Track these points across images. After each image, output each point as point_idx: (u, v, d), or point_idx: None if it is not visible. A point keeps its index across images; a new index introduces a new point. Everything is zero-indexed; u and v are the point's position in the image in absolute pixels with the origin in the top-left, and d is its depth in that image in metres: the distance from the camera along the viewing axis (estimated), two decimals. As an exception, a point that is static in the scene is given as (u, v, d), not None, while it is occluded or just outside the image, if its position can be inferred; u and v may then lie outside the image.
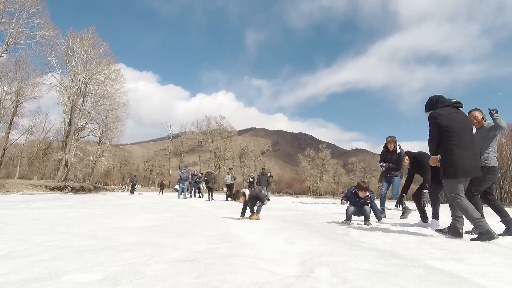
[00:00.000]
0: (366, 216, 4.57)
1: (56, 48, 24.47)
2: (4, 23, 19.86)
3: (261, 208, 4.79)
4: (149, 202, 10.10)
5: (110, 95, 27.69)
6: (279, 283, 1.42)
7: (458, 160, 2.98)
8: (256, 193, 4.88)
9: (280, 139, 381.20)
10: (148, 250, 2.04)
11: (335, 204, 14.52)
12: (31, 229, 2.88)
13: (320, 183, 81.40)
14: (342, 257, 2.00)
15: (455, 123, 3.07)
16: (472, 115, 3.96)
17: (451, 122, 3.06)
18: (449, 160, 3.03)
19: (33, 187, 16.67)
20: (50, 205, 6.75)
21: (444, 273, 1.70)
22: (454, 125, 3.05)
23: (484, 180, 3.67)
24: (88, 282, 1.35)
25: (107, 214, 4.95)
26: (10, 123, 25.52)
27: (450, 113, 3.14)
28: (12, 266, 1.58)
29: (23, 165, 42.67)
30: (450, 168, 3.02)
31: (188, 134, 71.29)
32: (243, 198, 4.73)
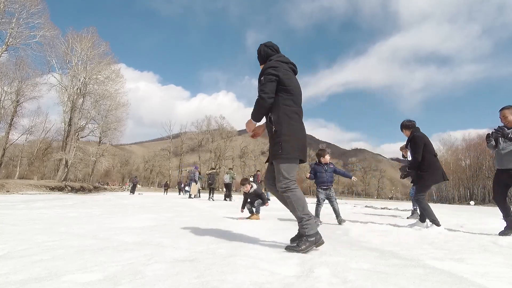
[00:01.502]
0: (336, 212, 4.60)
1: (56, 48, 24.54)
2: (4, 23, 19.88)
3: (260, 208, 4.79)
4: (149, 202, 10.10)
5: (110, 95, 27.72)
6: (279, 283, 1.42)
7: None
8: (260, 192, 4.87)
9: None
10: (148, 250, 2.04)
11: (335, 204, 14.52)
12: (31, 229, 2.88)
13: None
14: (342, 257, 2.00)
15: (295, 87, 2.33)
16: (501, 114, 3.68)
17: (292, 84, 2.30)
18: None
19: (33, 187, 16.68)
20: (50, 205, 6.75)
21: (444, 273, 1.70)
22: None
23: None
24: (88, 282, 1.35)
25: (107, 214, 4.95)
26: (10, 123, 25.53)
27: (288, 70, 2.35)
28: (12, 266, 1.58)
29: (23, 165, 42.69)
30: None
31: (188, 134, 71.36)
32: (248, 186, 4.71)
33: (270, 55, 2.43)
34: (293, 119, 2.21)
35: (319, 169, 4.64)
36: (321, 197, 4.62)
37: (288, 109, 2.22)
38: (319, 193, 4.64)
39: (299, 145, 2.19)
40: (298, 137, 2.20)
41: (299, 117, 2.26)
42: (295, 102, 2.26)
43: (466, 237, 3.40)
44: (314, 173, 4.66)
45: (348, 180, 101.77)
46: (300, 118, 2.29)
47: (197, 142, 69.72)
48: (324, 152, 4.77)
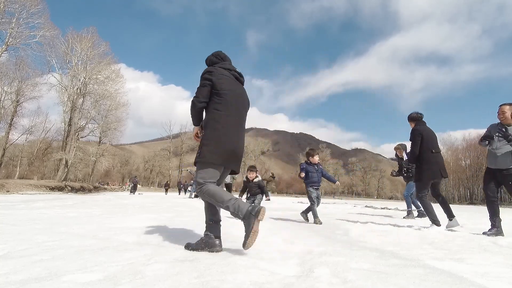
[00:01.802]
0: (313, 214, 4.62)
1: (56, 48, 24.54)
2: (4, 23, 19.88)
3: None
4: (149, 202, 10.10)
5: (110, 95, 27.72)
6: (279, 283, 1.42)
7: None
8: (263, 185, 4.82)
9: (280, 139, 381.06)
10: (148, 250, 2.04)
11: (335, 204, 14.52)
12: (31, 229, 2.88)
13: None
14: (342, 257, 2.00)
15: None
16: (500, 109, 3.67)
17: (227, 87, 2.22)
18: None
19: (33, 187, 16.67)
20: (50, 205, 6.75)
21: (444, 273, 1.70)
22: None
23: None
24: (88, 282, 1.35)
25: (107, 214, 4.95)
26: (10, 123, 25.53)
27: (228, 76, 2.29)
28: (12, 266, 1.58)
29: (23, 165, 42.68)
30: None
31: (188, 134, 71.32)
32: (254, 174, 4.65)
33: (214, 63, 2.41)
34: (220, 123, 2.13)
35: (310, 169, 4.64)
36: (313, 196, 4.62)
37: (217, 114, 2.15)
38: (311, 193, 4.63)
39: (220, 150, 2.10)
40: (221, 142, 2.11)
41: (229, 122, 2.16)
42: (227, 107, 2.17)
43: (466, 237, 3.40)
44: (306, 173, 4.64)
45: (348, 180, 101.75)
46: (231, 123, 2.17)
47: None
48: (314, 152, 4.80)
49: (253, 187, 4.70)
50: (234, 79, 2.33)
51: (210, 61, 2.43)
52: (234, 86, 2.28)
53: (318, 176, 4.65)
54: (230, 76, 2.30)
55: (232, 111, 2.20)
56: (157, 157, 77.39)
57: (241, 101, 2.30)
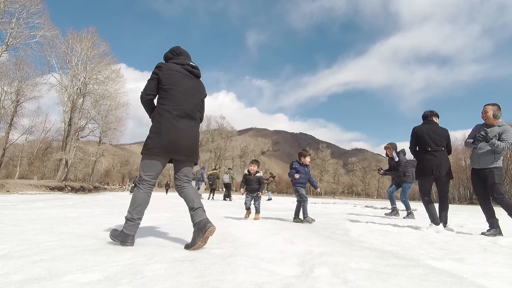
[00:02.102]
0: (298, 211, 4.63)
1: (56, 48, 24.52)
2: (4, 23, 19.87)
3: (260, 207, 4.74)
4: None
5: (110, 95, 27.71)
6: (279, 283, 1.42)
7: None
8: (263, 181, 4.80)
9: (280, 139, 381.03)
10: (148, 250, 2.04)
11: (335, 204, 14.52)
12: (31, 229, 2.88)
13: (320, 183, 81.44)
14: (342, 257, 2.00)
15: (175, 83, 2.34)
16: (483, 109, 3.75)
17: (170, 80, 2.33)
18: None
19: (33, 187, 16.68)
20: (50, 205, 6.75)
21: (444, 273, 1.70)
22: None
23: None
24: (88, 282, 1.35)
25: (107, 214, 4.95)
26: (10, 123, 25.54)
27: (177, 71, 2.38)
28: (12, 266, 1.58)
29: (23, 165, 42.68)
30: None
31: (188, 134, 71.40)
32: (255, 167, 4.63)
33: (169, 59, 2.50)
34: (163, 117, 2.24)
35: (301, 169, 4.61)
36: (303, 193, 4.58)
37: (161, 107, 2.27)
38: (301, 190, 4.59)
39: (162, 142, 2.20)
40: (164, 135, 2.21)
41: (172, 115, 2.25)
42: (172, 101, 2.28)
43: (466, 237, 3.40)
44: (296, 171, 4.62)
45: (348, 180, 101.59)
46: (173, 116, 2.26)
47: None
48: (306, 152, 4.74)
49: (253, 181, 4.63)
50: (185, 73, 2.41)
51: (166, 57, 2.54)
52: (183, 81, 2.37)
53: (306, 178, 4.64)
54: (181, 71, 2.39)
55: (177, 104, 2.29)
56: (157, 157, 77.31)
57: (189, 94, 2.38)
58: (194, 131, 2.41)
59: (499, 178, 3.59)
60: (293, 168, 4.64)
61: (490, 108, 3.68)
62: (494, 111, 3.64)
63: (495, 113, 3.62)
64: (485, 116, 3.72)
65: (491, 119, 3.68)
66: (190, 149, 2.35)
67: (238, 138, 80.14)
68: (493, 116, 3.65)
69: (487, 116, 3.69)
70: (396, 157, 6.22)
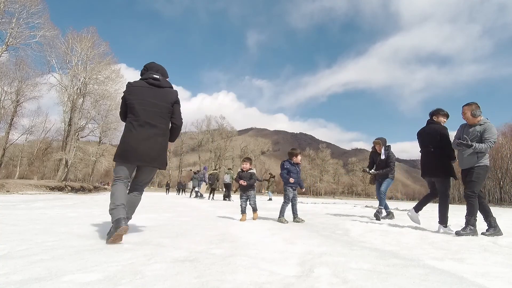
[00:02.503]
0: (294, 212, 4.63)
1: (56, 48, 24.48)
2: (4, 23, 19.86)
3: (256, 205, 4.69)
4: (149, 202, 10.10)
5: (110, 95, 27.68)
6: (279, 283, 1.42)
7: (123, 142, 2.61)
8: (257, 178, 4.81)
9: (280, 139, 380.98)
10: (148, 250, 2.04)
11: (335, 204, 14.52)
12: (31, 229, 2.88)
13: (320, 183, 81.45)
14: (342, 257, 2.00)
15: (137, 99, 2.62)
16: (462, 111, 3.76)
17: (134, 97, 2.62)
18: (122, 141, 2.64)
19: (33, 187, 16.67)
20: (50, 205, 6.75)
21: (444, 273, 1.70)
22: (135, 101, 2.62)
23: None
24: (88, 282, 1.35)
25: (108, 214, 4.95)
26: (10, 123, 25.55)
27: (139, 86, 2.68)
28: (12, 266, 1.58)
29: (23, 165, 42.67)
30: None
31: (188, 134, 71.43)
32: (247, 165, 4.60)
33: (142, 74, 2.83)
34: (125, 128, 2.61)
35: (293, 169, 4.55)
36: (290, 195, 4.53)
37: (127, 121, 2.62)
38: (289, 192, 4.54)
39: (120, 151, 2.55)
40: (124, 143, 2.55)
41: (132, 126, 2.57)
42: (134, 113, 2.59)
43: (466, 237, 3.40)
44: (287, 172, 4.54)
45: (348, 180, 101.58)
46: (136, 126, 2.56)
47: (197, 142, 69.75)
48: (297, 151, 4.63)
49: (246, 177, 4.56)
50: (147, 86, 2.69)
51: (140, 73, 2.87)
52: (143, 93, 2.65)
53: (298, 177, 4.60)
54: (143, 85, 2.69)
55: (136, 116, 2.58)
56: (157, 157, 77.30)
57: (149, 105, 2.63)
58: (156, 138, 2.62)
59: (477, 176, 3.56)
60: (285, 168, 4.56)
61: (467, 109, 3.69)
62: (471, 111, 3.64)
63: (473, 113, 3.61)
64: (465, 117, 3.75)
65: (470, 119, 3.69)
66: (149, 155, 2.57)
67: (238, 138, 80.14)
68: (472, 116, 3.64)
69: (466, 117, 3.72)
70: (384, 154, 5.78)
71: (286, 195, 4.57)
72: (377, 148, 5.94)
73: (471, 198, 3.56)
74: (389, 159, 5.73)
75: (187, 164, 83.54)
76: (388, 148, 5.81)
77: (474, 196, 3.56)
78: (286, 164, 4.59)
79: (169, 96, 2.74)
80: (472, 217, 3.54)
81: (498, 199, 42.42)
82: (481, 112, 3.65)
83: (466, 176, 3.68)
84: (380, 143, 5.89)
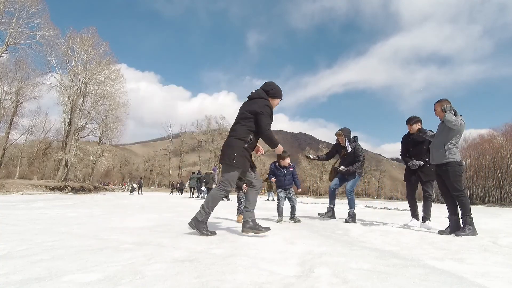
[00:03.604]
0: (293, 211, 4.70)
1: (56, 48, 24.49)
2: (4, 23, 19.86)
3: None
4: (149, 202, 10.10)
5: (110, 95, 27.70)
6: (279, 283, 1.41)
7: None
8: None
9: (280, 139, 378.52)
10: (148, 250, 2.04)
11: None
12: (31, 229, 2.88)
13: (320, 183, 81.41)
14: (342, 257, 2.00)
15: None
16: (434, 109, 3.80)
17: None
18: None
19: (33, 187, 16.67)
20: (50, 205, 6.75)
21: (444, 273, 1.70)
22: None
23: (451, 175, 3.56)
24: (88, 282, 1.35)
25: (107, 214, 4.95)
26: (10, 123, 25.52)
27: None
28: (12, 266, 1.58)
29: (23, 165, 42.64)
30: None
31: (189, 134, 71.41)
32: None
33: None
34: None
35: (278, 173, 4.67)
36: (281, 195, 4.70)
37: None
38: (279, 192, 4.74)
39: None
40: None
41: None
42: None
43: (466, 237, 3.40)
44: (273, 175, 4.71)
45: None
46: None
47: (197, 142, 69.71)
48: (285, 154, 4.45)
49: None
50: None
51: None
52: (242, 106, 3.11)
53: (287, 179, 4.66)
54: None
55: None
56: (157, 157, 77.39)
57: (237, 115, 3.06)
58: (228, 139, 2.98)
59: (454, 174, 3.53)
60: (271, 171, 4.79)
61: (437, 106, 3.73)
62: (441, 107, 3.64)
63: (443, 108, 3.60)
64: (436, 113, 3.79)
65: (441, 114, 3.68)
66: (221, 153, 2.98)
67: (238, 138, 79.92)
68: (443, 111, 3.62)
69: (438, 113, 3.75)
70: (349, 146, 5.06)
71: (277, 195, 4.80)
72: (340, 140, 5.18)
73: (460, 197, 3.53)
74: (358, 153, 4.99)
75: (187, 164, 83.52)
76: (355, 140, 5.11)
77: (462, 194, 3.52)
78: (271, 167, 4.79)
79: (248, 106, 3.03)
80: (468, 216, 3.49)
81: (498, 199, 42.40)
82: (450, 106, 3.61)
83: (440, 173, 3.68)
84: (342, 135, 5.13)
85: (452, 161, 3.54)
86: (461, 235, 3.40)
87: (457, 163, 3.55)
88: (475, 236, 3.44)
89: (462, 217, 3.54)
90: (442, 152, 3.59)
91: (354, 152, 4.97)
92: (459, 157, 3.61)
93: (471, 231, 3.45)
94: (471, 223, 3.49)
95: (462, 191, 3.54)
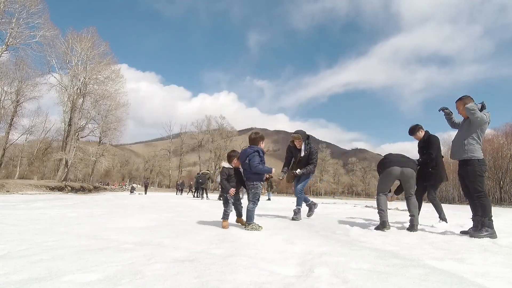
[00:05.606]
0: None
1: (56, 48, 24.51)
2: (4, 23, 19.86)
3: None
4: (149, 202, 10.10)
5: (110, 95, 27.71)
6: (279, 283, 1.41)
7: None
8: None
9: (280, 139, 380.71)
10: (148, 250, 2.04)
11: (335, 204, 14.51)
12: (31, 229, 2.88)
13: (320, 183, 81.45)
14: (342, 257, 2.00)
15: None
16: (456, 107, 3.66)
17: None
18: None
19: (33, 187, 16.67)
20: (50, 205, 6.75)
21: (444, 273, 1.70)
22: None
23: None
24: (88, 282, 1.35)
25: (107, 214, 4.95)
26: (10, 123, 25.53)
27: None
28: (12, 266, 1.58)
29: (23, 165, 42.62)
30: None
31: (189, 134, 71.38)
32: (237, 162, 3.72)
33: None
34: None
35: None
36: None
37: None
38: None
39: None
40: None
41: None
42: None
43: (466, 237, 3.40)
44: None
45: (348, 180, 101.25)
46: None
47: (197, 142, 69.66)
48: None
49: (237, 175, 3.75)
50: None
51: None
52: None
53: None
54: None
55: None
56: (157, 157, 77.38)
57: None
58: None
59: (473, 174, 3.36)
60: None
61: (460, 104, 3.57)
62: (464, 104, 3.46)
63: (466, 106, 3.40)
64: (460, 112, 3.64)
65: (463, 112, 3.56)
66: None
67: (238, 138, 79.94)
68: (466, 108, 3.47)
69: (461, 112, 3.62)
70: (305, 149, 4.99)
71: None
72: (297, 143, 5.04)
73: (481, 198, 3.34)
74: (312, 155, 4.98)
75: (187, 164, 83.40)
76: (309, 142, 5.03)
77: (483, 195, 3.34)
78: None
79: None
80: (487, 217, 3.30)
81: (498, 199, 42.34)
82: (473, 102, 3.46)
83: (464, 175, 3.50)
84: (300, 138, 4.99)
85: (473, 159, 3.34)
86: (478, 237, 3.20)
87: (478, 162, 3.35)
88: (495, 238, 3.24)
89: (481, 219, 3.35)
90: (462, 147, 3.42)
91: (309, 154, 4.99)
92: (481, 154, 3.39)
93: (489, 234, 3.24)
94: (491, 225, 3.30)
95: (483, 192, 3.36)
